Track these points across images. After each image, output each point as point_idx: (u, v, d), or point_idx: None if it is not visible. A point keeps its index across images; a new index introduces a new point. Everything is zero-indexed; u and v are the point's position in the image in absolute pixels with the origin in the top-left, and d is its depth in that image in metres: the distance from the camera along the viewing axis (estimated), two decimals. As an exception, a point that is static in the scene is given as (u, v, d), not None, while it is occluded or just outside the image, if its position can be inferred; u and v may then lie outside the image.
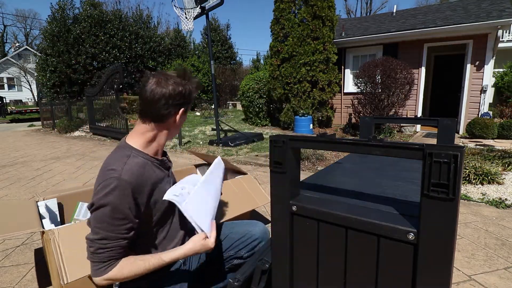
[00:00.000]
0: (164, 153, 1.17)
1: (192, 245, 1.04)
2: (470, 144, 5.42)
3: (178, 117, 1.05)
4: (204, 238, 1.05)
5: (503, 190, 3.06)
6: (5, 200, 3.29)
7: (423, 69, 7.38)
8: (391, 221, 0.67)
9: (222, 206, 1.88)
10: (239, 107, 14.11)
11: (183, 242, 1.14)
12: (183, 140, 6.51)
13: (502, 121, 6.30)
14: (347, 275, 0.76)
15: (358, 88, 6.69)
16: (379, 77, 6.25)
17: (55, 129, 10.73)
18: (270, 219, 1.00)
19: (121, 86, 7.06)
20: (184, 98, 1.04)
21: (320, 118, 7.85)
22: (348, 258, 0.75)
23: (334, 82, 7.78)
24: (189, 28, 5.50)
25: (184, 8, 5.48)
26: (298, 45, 7.41)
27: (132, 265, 0.95)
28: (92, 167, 4.75)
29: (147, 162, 1.03)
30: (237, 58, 21.53)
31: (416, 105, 7.52)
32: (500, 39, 8.20)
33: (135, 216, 0.96)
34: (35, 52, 23.74)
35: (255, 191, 2.14)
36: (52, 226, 1.62)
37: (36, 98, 24.65)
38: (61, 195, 1.91)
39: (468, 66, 6.77)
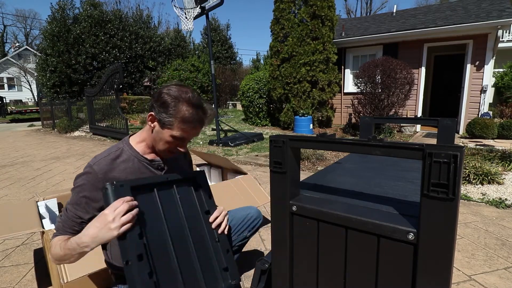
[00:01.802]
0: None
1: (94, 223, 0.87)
2: (470, 144, 5.42)
3: (149, 120, 1.03)
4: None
5: (503, 190, 3.06)
6: (5, 200, 3.29)
7: (423, 69, 7.38)
8: (391, 221, 0.67)
9: (222, 205, 1.88)
10: (239, 107, 14.10)
11: None
12: (183, 140, 6.51)
13: (502, 121, 6.30)
14: (347, 275, 0.76)
15: (358, 88, 6.69)
16: (379, 77, 6.25)
17: (55, 129, 10.73)
18: (270, 219, 1.00)
19: (121, 86, 7.06)
20: (156, 102, 0.99)
21: (320, 118, 7.85)
22: (348, 258, 0.75)
23: (334, 82, 7.78)
24: (189, 28, 5.50)
25: (184, 8, 5.48)
26: (298, 45, 7.41)
27: (61, 244, 0.91)
28: (92, 167, 4.75)
29: (133, 158, 1.06)
30: (237, 58, 21.54)
31: (416, 105, 7.52)
32: (500, 39, 8.21)
33: (92, 206, 0.98)
34: (35, 52, 23.79)
35: (255, 191, 2.14)
36: (52, 226, 1.62)
37: (36, 98, 24.65)
38: (61, 195, 1.91)
39: (468, 66, 6.77)
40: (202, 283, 0.90)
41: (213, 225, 1.04)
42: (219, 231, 1.04)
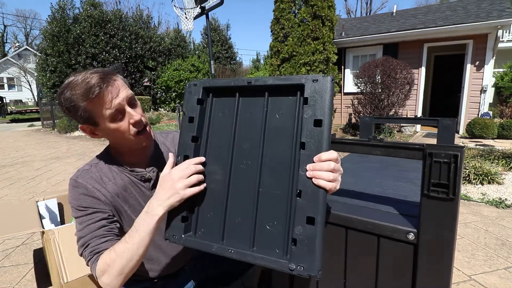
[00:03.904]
0: (150, 164, 0.98)
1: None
2: (470, 144, 5.42)
3: (88, 132, 0.92)
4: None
5: (503, 190, 3.07)
6: (5, 200, 3.28)
7: (423, 69, 7.38)
8: (391, 221, 0.67)
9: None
10: (239, 107, 14.09)
11: (159, 257, 1.00)
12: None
13: (502, 121, 6.30)
14: (347, 274, 0.76)
15: (358, 88, 6.70)
16: (379, 77, 6.25)
17: (55, 129, 10.73)
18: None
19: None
20: (71, 114, 0.87)
21: (320, 118, 7.85)
22: (348, 258, 0.75)
23: (334, 82, 7.78)
24: (189, 28, 5.51)
25: (184, 8, 5.49)
26: (298, 45, 7.42)
27: (111, 251, 0.77)
28: (92, 167, 4.75)
29: (113, 168, 0.93)
30: (237, 58, 21.56)
31: (416, 105, 7.52)
32: (500, 39, 8.21)
33: (102, 207, 0.87)
34: (35, 52, 23.77)
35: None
36: (52, 226, 1.62)
37: (36, 98, 24.67)
38: (61, 195, 1.91)
39: (468, 66, 6.77)
40: (250, 241, 0.62)
41: (309, 173, 0.58)
42: (315, 182, 0.58)
